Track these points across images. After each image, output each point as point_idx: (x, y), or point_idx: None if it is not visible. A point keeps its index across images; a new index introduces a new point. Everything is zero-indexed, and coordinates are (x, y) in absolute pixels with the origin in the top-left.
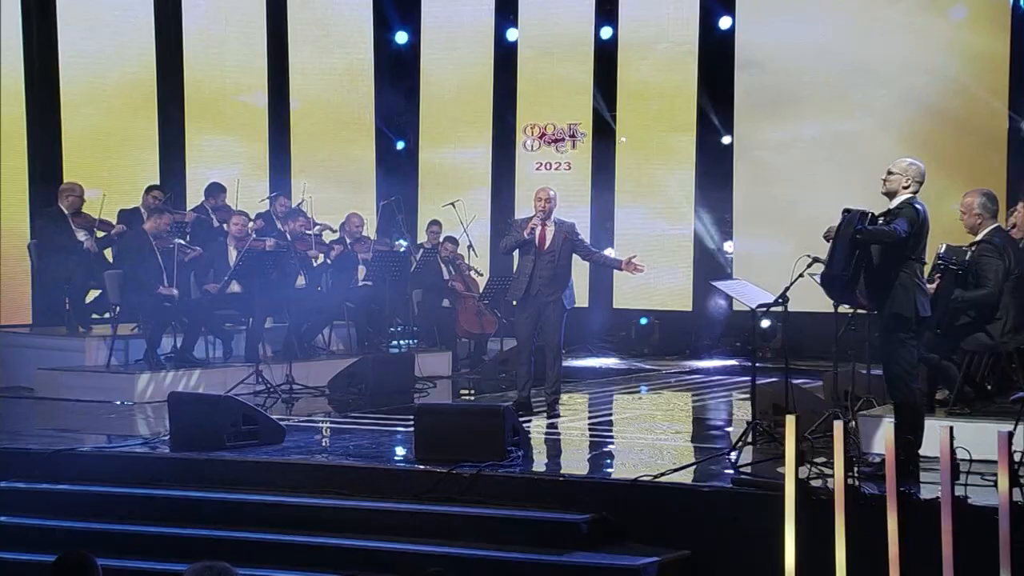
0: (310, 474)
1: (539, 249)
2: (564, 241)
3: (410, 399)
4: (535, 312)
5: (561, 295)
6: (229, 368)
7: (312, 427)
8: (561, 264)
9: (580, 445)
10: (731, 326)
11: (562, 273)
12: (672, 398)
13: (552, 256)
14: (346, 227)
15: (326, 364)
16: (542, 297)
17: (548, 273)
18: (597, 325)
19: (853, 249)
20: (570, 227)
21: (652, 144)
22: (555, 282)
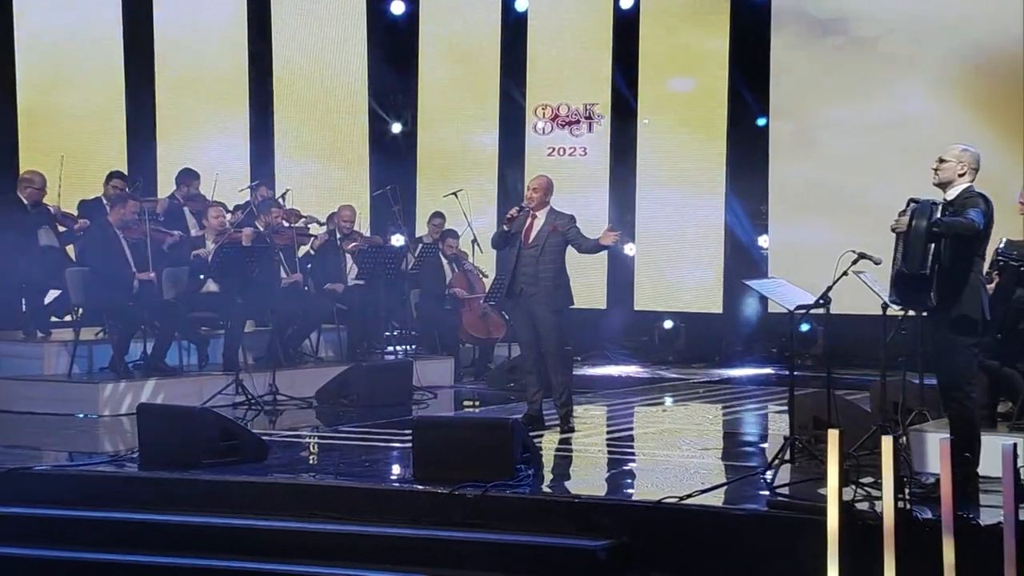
0: (296, 495)
1: (523, 243)
2: (552, 234)
3: (408, 411)
4: (526, 314)
5: (549, 293)
6: (205, 377)
7: (298, 443)
8: (545, 259)
9: (597, 463)
10: (766, 330)
11: (547, 269)
12: (700, 411)
13: (535, 250)
14: (335, 221)
15: (314, 372)
16: (526, 297)
17: (530, 270)
18: (616, 329)
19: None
20: (566, 220)
21: (678, 127)
22: (538, 279)
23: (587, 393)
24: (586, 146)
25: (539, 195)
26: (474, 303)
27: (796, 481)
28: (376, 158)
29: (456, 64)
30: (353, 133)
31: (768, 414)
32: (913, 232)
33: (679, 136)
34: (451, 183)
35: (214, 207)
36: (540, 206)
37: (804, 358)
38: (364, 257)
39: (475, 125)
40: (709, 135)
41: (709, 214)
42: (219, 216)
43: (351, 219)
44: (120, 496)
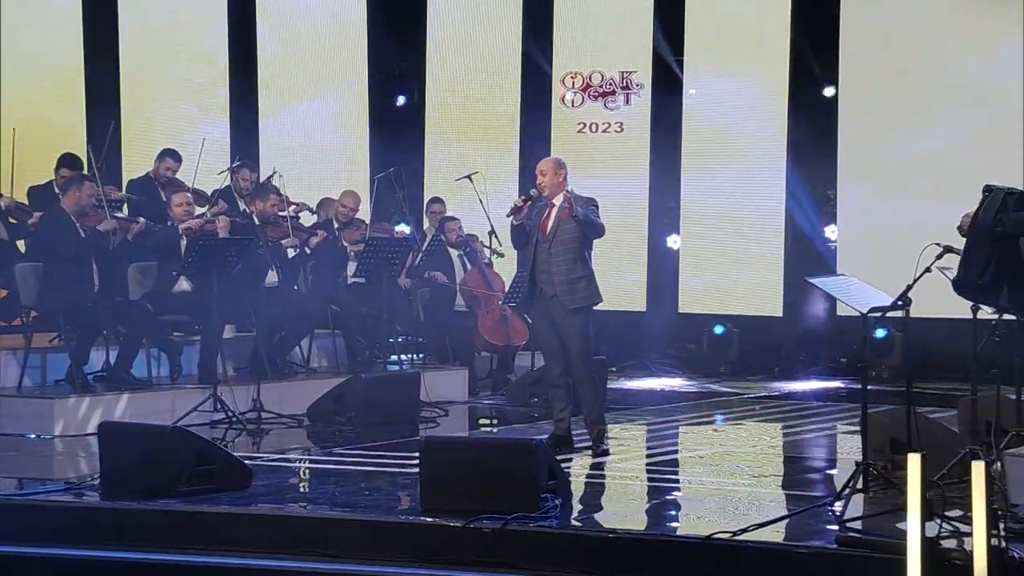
0: (284, 529)
1: (540, 237)
2: (564, 222)
3: (414, 431)
4: (548, 318)
5: (569, 290)
6: (178, 391)
7: (286, 468)
8: (557, 251)
9: (635, 491)
10: (834, 336)
11: (561, 262)
12: (756, 431)
13: (550, 243)
14: (332, 209)
15: (305, 386)
16: (547, 298)
17: (546, 266)
18: (658, 335)
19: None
20: (582, 202)
21: (731, 98)
22: (557, 276)
23: (623, 410)
24: (622, 121)
25: (548, 179)
26: (492, 304)
27: (870, 514)
28: (377, 135)
29: (470, 25)
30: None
31: (837, 435)
32: (976, 229)
33: (732, 109)
34: (465, 164)
35: (180, 193)
36: (554, 191)
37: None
38: (367, 251)
39: (493, 97)
40: (767, 108)
41: (767, 201)
42: (183, 203)
43: (353, 207)
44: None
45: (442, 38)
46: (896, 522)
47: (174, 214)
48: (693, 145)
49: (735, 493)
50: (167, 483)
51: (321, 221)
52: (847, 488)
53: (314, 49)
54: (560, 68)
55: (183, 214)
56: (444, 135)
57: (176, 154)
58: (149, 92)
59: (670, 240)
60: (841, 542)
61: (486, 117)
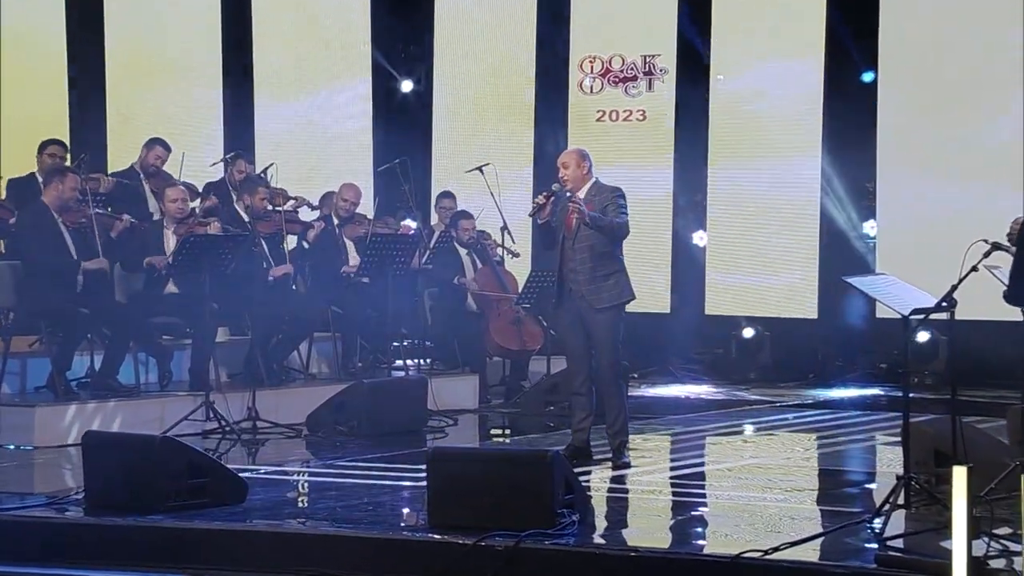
0: (282, 547)
1: (566, 233)
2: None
3: (421, 441)
4: (577, 319)
5: (596, 288)
6: (168, 399)
7: (284, 481)
8: (588, 246)
9: (659, 507)
10: (873, 340)
11: (585, 259)
12: (789, 442)
13: (576, 239)
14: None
15: (303, 393)
16: (576, 298)
17: (575, 265)
18: (683, 339)
19: None
20: (605, 194)
21: (762, 84)
22: (583, 275)
23: (646, 419)
24: (645, 108)
25: (571, 171)
26: (504, 305)
27: (912, 532)
28: (381, 124)
29: (481, 5)
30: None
31: (876, 447)
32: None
33: (763, 96)
34: (475, 155)
35: (175, 187)
36: (578, 183)
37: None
38: (370, 248)
39: (505, 83)
40: (801, 94)
41: (801, 194)
42: (179, 199)
43: (355, 200)
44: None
45: (451, 19)
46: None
47: (167, 210)
48: (721, 134)
49: (766, 509)
50: (156, 498)
51: (322, 217)
52: (887, 504)
53: (313, 30)
54: (578, 52)
55: (176, 211)
56: (453, 124)
57: (166, 143)
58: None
59: (696, 237)
60: (881, 562)
61: (498, 105)
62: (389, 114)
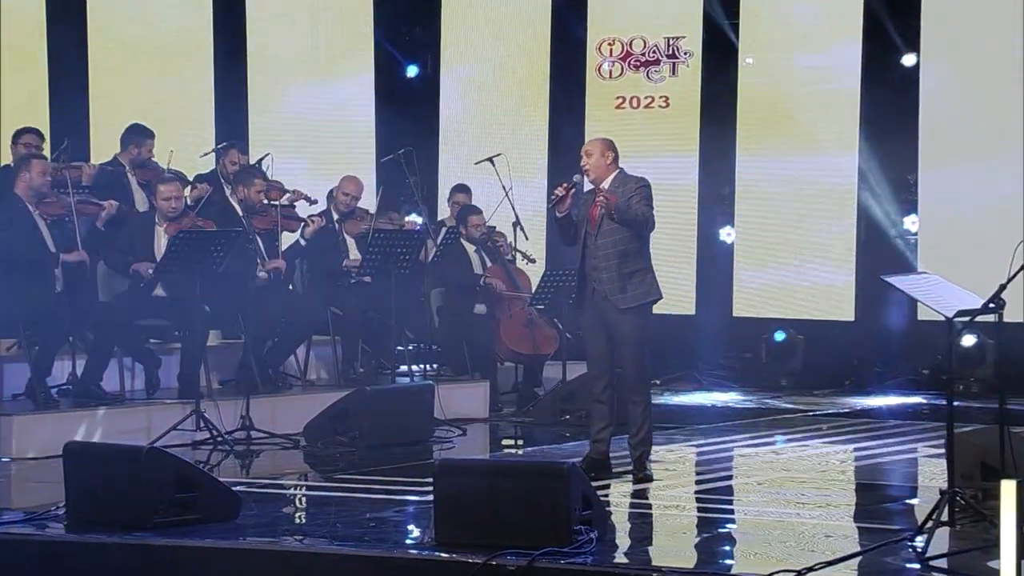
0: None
1: (588, 227)
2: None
3: (427, 453)
4: (600, 321)
5: (620, 287)
6: (155, 407)
7: (280, 495)
8: (612, 241)
9: (684, 524)
10: (915, 345)
11: (610, 255)
12: (824, 454)
13: (600, 235)
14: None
15: (301, 401)
16: (599, 299)
17: (599, 263)
18: (709, 343)
19: None
20: (630, 185)
21: (794, 68)
22: (607, 273)
23: (670, 429)
24: (668, 95)
25: (594, 160)
26: (517, 307)
27: (957, 551)
28: (384, 112)
29: None
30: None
31: (918, 459)
32: None
33: (796, 81)
34: (485, 145)
35: (169, 183)
36: (602, 174)
37: (968, 383)
38: (373, 245)
39: (517, 67)
40: (837, 79)
41: (837, 187)
42: (172, 197)
43: (356, 194)
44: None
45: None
46: (987, 560)
47: (158, 207)
48: (750, 122)
49: (799, 526)
50: (142, 513)
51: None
52: (930, 520)
53: (311, 11)
54: (596, 33)
55: (169, 209)
56: (461, 111)
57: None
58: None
59: (723, 232)
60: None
61: (510, 91)
62: (393, 101)
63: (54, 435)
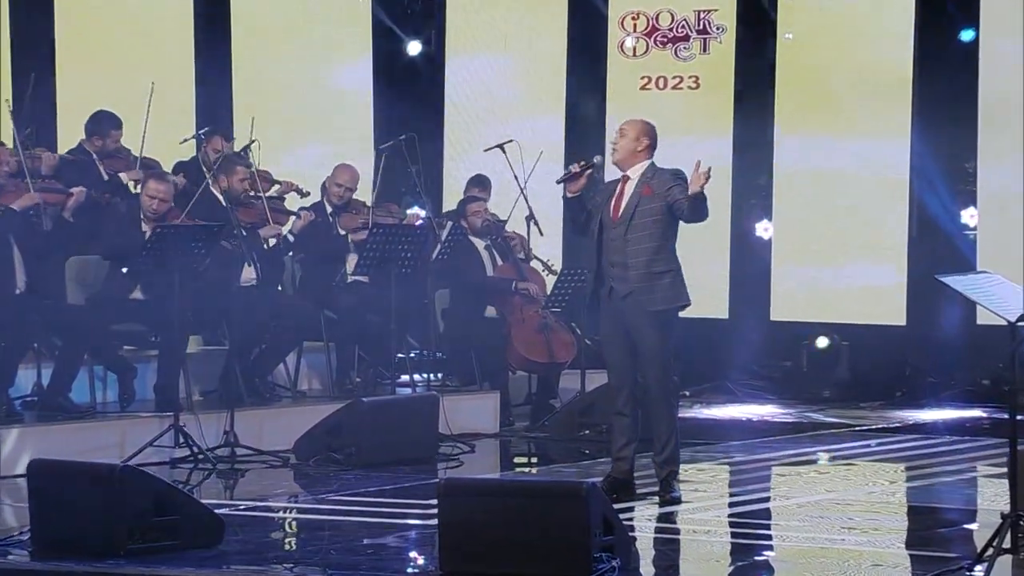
0: None
1: (611, 219)
2: (646, 197)
3: (432, 471)
4: (620, 325)
5: (647, 288)
6: (130, 420)
7: (268, 519)
8: (633, 238)
9: (716, 551)
10: (974, 352)
11: (638, 251)
12: (872, 473)
13: (623, 227)
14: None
15: (291, 414)
16: (617, 300)
17: (618, 257)
18: (744, 350)
19: None
20: (666, 178)
21: (839, 44)
22: (632, 270)
23: (700, 445)
24: (698, 74)
25: (626, 142)
26: (530, 310)
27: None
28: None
29: None
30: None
31: (977, 479)
32: None
33: (841, 59)
34: (495, 131)
35: (157, 180)
36: (628, 159)
37: None
38: (371, 242)
39: (530, 45)
40: (887, 57)
41: (886, 176)
42: (159, 197)
43: (351, 184)
44: None
45: None
46: None
47: (143, 206)
48: (791, 105)
49: (845, 553)
50: (116, 538)
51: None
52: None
53: None
54: (618, 6)
55: (151, 210)
56: (469, 92)
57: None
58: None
59: (760, 227)
60: None
61: (524, 70)
62: (392, 81)
63: (18, 452)
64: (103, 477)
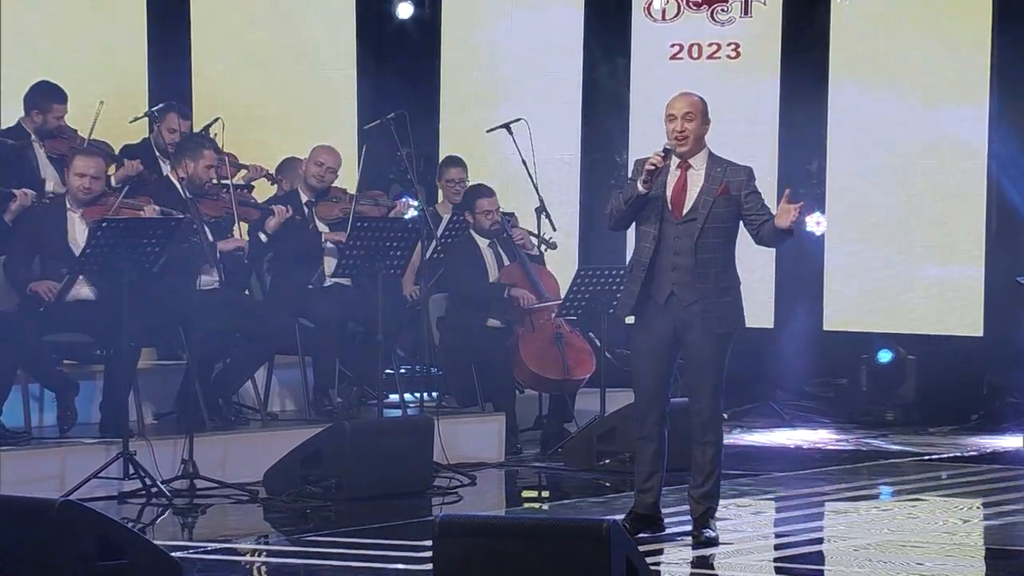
0: None
1: (672, 214)
2: (722, 197)
3: (426, 508)
4: (668, 336)
5: (714, 305)
6: (71, 447)
7: (233, 563)
8: (707, 244)
9: None
10: None
11: (713, 261)
12: (944, 509)
13: (694, 226)
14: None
15: (261, 440)
16: (677, 308)
17: (687, 261)
18: (792, 365)
19: None
20: (741, 176)
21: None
22: (702, 279)
23: (741, 476)
24: (739, 41)
25: (694, 127)
26: (541, 318)
27: None
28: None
29: None
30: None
31: None
32: None
33: (906, 24)
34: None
35: (89, 155)
36: (695, 148)
37: None
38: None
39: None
40: (960, 24)
41: (960, 163)
42: (90, 175)
43: (333, 167)
44: None
45: None
46: None
47: (71, 186)
48: (846, 77)
49: None
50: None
51: (283, 193)
52: None
53: None
54: None
55: (82, 189)
56: (470, 63)
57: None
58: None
59: (811, 221)
60: None
61: (532, 38)
62: (381, 50)
63: None
64: (39, 514)
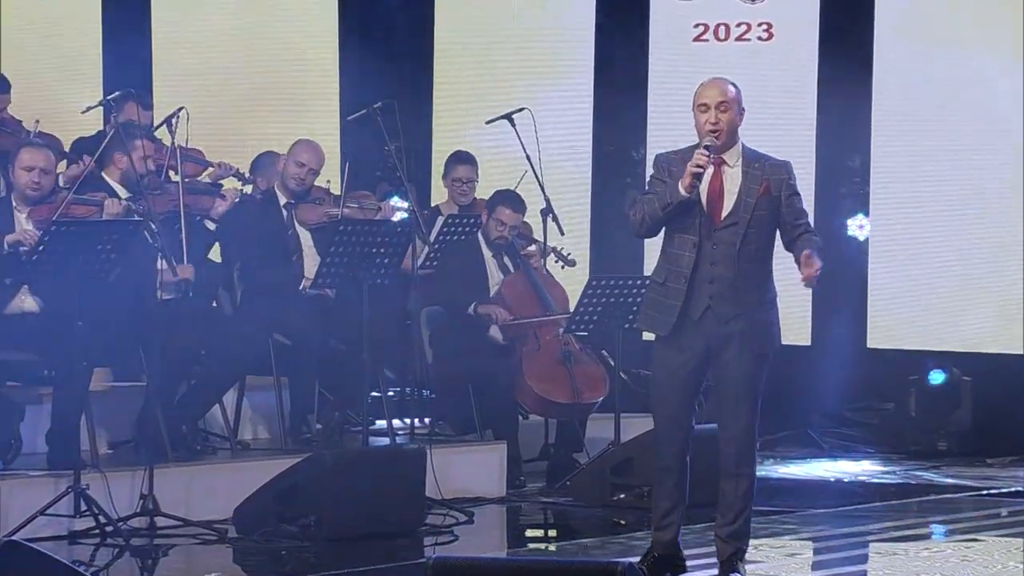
0: None
1: (711, 218)
2: (763, 198)
3: (417, 548)
4: (699, 355)
5: (756, 321)
6: (14, 481)
7: None
8: (754, 250)
9: None
10: None
11: (758, 272)
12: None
13: (736, 232)
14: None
15: (230, 472)
16: (713, 324)
17: (727, 271)
18: (832, 387)
19: None
20: (780, 174)
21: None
22: (743, 290)
23: (774, 512)
24: (771, 21)
25: (731, 116)
26: (547, 334)
27: None
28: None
29: None
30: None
31: None
32: None
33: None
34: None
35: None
36: (729, 142)
37: None
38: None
39: None
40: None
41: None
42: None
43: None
44: None
45: None
46: None
47: (16, 182)
48: (894, 61)
49: None
50: None
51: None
52: None
53: None
54: None
55: (30, 186)
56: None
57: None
58: None
59: (853, 225)
60: None
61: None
62: (365, 33)
63: None
64: None
